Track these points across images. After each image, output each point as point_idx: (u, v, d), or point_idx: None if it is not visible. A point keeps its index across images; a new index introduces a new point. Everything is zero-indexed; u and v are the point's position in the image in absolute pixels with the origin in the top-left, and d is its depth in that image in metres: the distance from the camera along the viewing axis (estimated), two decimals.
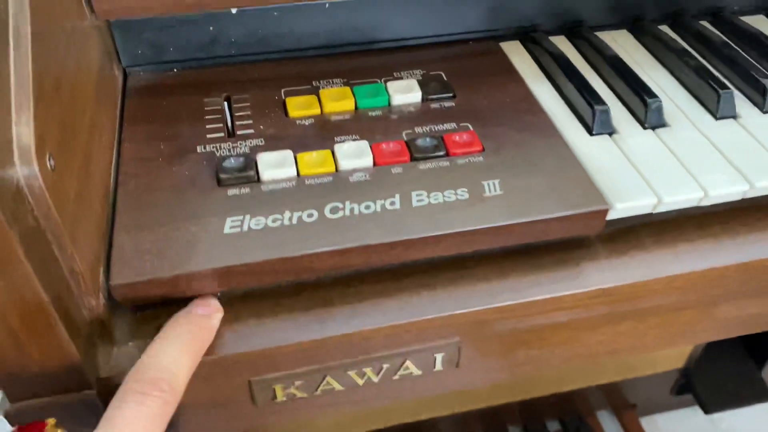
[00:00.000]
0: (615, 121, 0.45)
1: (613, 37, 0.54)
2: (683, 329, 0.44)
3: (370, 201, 0.38)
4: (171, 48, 0.47)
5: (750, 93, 0.48)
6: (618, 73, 0.48)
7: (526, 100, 0.46)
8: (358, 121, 0.44)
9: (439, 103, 0.46)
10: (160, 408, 0.29)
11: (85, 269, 0.32)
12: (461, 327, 0.38)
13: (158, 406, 0.29)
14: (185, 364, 0.32)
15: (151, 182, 0.39)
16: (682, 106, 0.47)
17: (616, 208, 0.39)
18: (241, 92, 0.46)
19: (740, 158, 0.42)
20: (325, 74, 0.48)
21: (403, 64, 0.50)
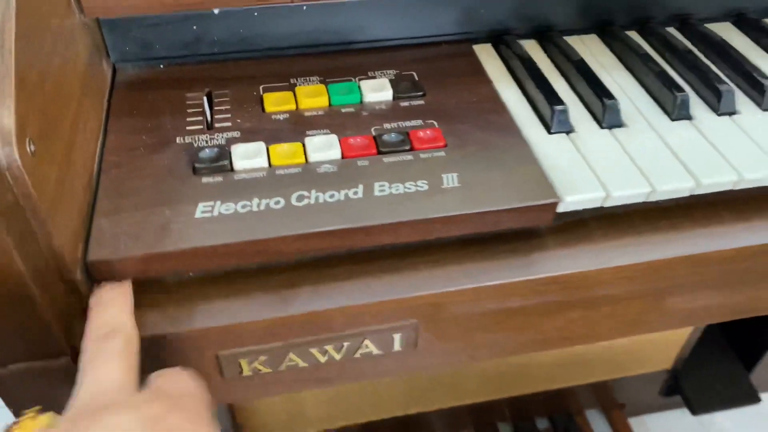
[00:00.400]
0: (574, 121, 0.47)
1: (583, 41, 0.56)
2: (635, 318, 0.46)
3: (335, 190, 0.41)
4: (157, 45, 0.49)
5: (707, 96, 0.50)
6: (582, 75, 0.50)
7: (491, 100, 0.49)
8: (331, 117, 0.47)
9: (409, 101, 0.49)
10: (125, 345, 0.33)
11: (64, 246, 0.35)
12: (418, 309, 0.41)
13: (122, 343, 0.33)
14: (127, 316, 0.35)
15: (132, 170, 0.42)
16: (641, 107, 0.49)
17: (565, 201, 0.41)
18: (222, 88, 0.49)
19: (690, 157, 0.44)
20: (303, 72, 0.51)
21: (378, 64, 0.52)
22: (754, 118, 0.48)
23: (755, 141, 0.46)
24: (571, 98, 0.50)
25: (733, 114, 0.49)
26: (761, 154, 0.45)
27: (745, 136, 0.46)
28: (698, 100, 0.50)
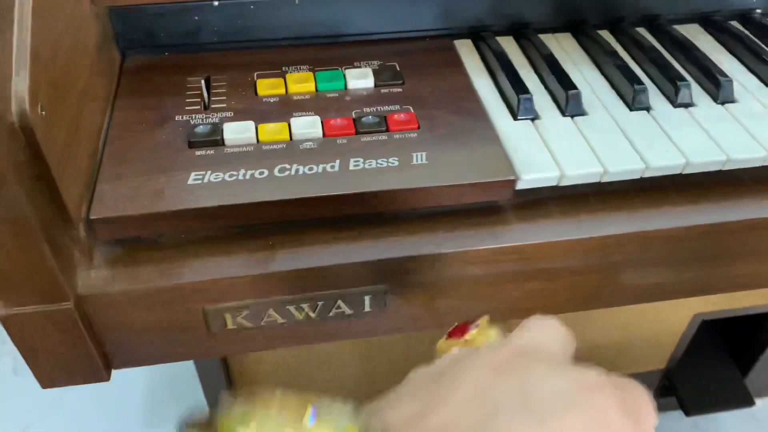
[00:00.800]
0: (540, 109, 0.52)
1: (557, 38, 0.60)
2: (591, 292, 0.50)
3: (314, 164, 0.45)
4: (162, 34, 0.54)
5: (666, 89, 0.54)
6: (549, 67, 0.54)
7: (465, 89, 0.53)
8: (316, 101, 0.52)
9: (389, 89, 0.53)
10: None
11: (70, 203, 0.39)
12: (387, 273, 0.45)
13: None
14: None
15: (133, 142, 0.47)
16: (603, 98, 0.53)
17: (523, 179, 0.45)
18: (220, 73, 0.54)
19: (642, 143, 0.48)
20: (294, 61, 0.56)
21: (364, 55, 0.57)
22: (708, 110, 0.52)
23: (706, 130, 0.50)
24: (539, 89, 0.54)
25: (690, 106, 0.52)
26: (710, 141, 0.49)
27: (697, 126, 0.50)
28: (658, 93, 0.54)
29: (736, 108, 0.52)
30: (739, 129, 0.50)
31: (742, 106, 0.52)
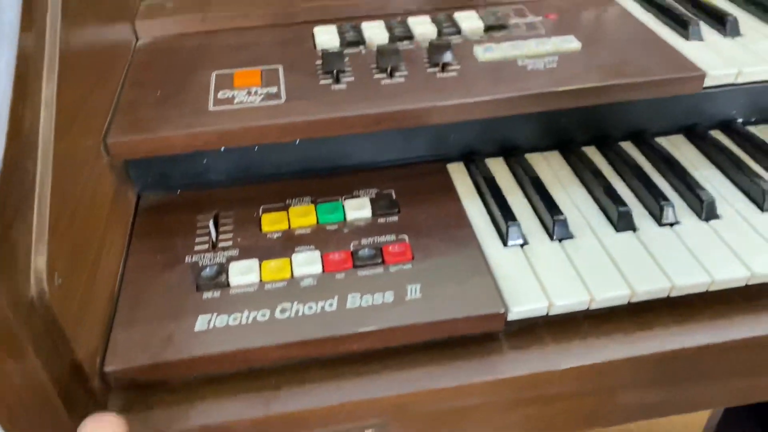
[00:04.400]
0: (528, 233, 0.54)
1: (545, 157, 0.63)
2: (588, 414, 0.51)
3: (313, 302, 0.48)
4: (175, 176, 0.59)
5: (651, 208, 0.56)
6: (537, 191, 0.57)
7: (457, 215, 0.56)
8: (317, 234, 0.55)
9: (386, 218, 0.56)
10: None
11: (85, 360, 0.42)
12: (386, 409, 0.47)
13: None
14: None
15: (146, 288, 0.50)
16: (590, 219, 0.56)
17: (513, 311, 0.47)
18: (228, 209, 0.58)
19: (629, 267, 0.50)
20: (297, 193, 0.59)
21: (363, 183, 0.60)
22: (693, 228, 0.54)
23: (690, 250, 0.51)
24: (528, 212, 0.57)
25: (675, 224, 0.54)
26: (695, 263, 0.50)
27: (683, 246, 0.52)
28: (643, 212, 0.56)
29: (720, 225, 0.54)
30: (723, 248, 0.52)
31: (727, 223, 0.54)
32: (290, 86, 0.57)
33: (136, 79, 0.60)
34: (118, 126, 0.53)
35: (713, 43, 0.62)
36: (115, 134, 0.52)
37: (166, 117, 0.54)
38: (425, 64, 0.60)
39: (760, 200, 0.56)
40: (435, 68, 0.59)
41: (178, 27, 0.68)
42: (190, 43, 0.66)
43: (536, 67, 0.59)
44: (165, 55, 0.64)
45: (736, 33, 0.63)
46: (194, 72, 0.60)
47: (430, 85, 0.57)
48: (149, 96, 0.57)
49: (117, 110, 0.55)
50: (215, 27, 0.68)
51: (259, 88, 0.57)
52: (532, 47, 0.61)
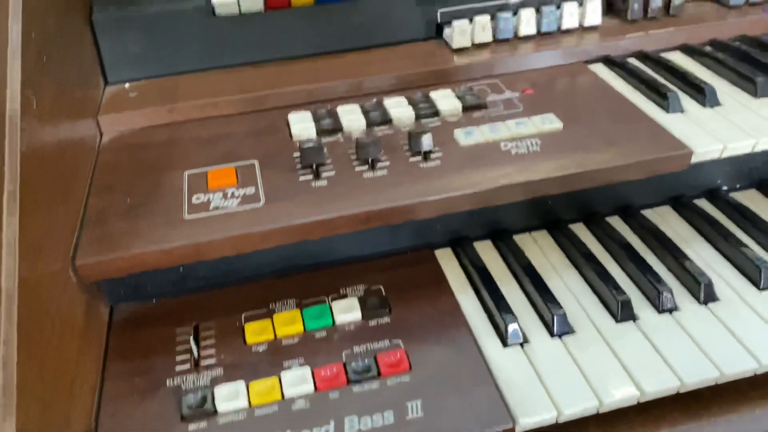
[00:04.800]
0: (527, 330, 0.52)
1: (534, 238, 0.62)
2: None
3: (308, 429, 0.45)
4: (149, 286, 0.55)
5: (649, 293, 0.54)
6: (531, 281, 0.55)
7: (451, 313, 0.54)
8: (305, 344, 0.52)
9: (377, 319, 0.54)
10: None
11: None
12: None
13: None
14: None
15: (125, 420, 0.46)
16: (588, 309, 0.54)
17: (520, 424, 0.45)
18: (208, 319, 0.54)
19: (634, 363, 0.48)
20: (280, 295, 0.56)
21: (348, 279, 0.58)
22: (693, 314, 0.53)
23: (693, 338, 0.50)
24: (524, 303, 0.55)
25: (674, 310, 0.53)
26: (701, 355, 0.49)
27: (685, 335, 0.50)
28: (641, 297, 0.55)
29: (720, 308, 0.53)
30: (727, 337, 0.50)
31: (726, 306, 0.53)
32: (268, 185, 0.55)
33: (102, 184, 0.56)
34: (87, 244, 0.49)
35: (694, 114, 0.61)
36: (83, 255, 0.49)
37: (138, 230, 0.51)
38: (407, 153, 0.58)
39: (757, 278, 0.55)
40: (417, 157, 0.57)
41: (145, 120, 0.64)
42: (158, 137, 0.63)
43: (520, 151, 0.57)
44: (132, 153, 0.61)
45: (715, 102, 0.63)
46: (165, 172, 0.57)
47: (414, 177, 0.55)
48: (118, 204, 0.54)
49: (84, 223, 0.52)
50: (183, 118, 0.65)
51: (236, 188, 0.55)
52: (514, 129, 0.59)
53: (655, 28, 0.75)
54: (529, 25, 0.73)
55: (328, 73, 0.69)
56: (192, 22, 0.69)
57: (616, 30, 0.75)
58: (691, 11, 0.78)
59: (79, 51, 0.63)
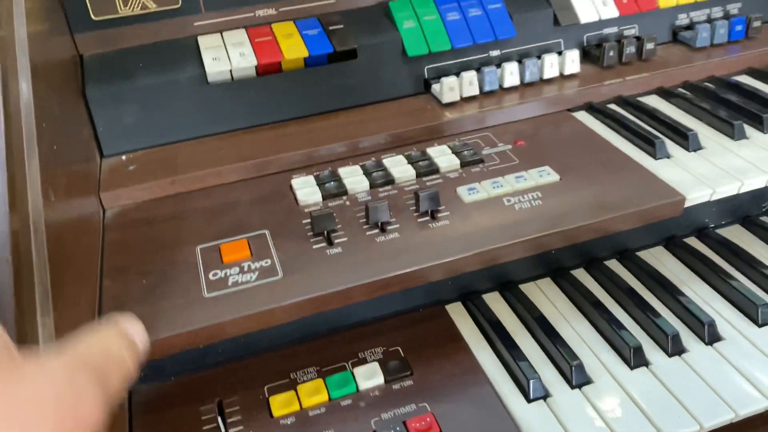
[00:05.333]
0: (547, 383, 0.54)
1: (539, 286, 0.64)
2: None
3: None
4: (168, 366, 0.55)
5: (657, 337, 0.57)
6: (545, 332, 0.57)
7: (471, 370, 0.55)
8: (332, 413, 0.52)
9: (400, 383, 0.54)
10: None
11: None
12: None
13: None
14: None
15: None
16: (601, 357, 0.56)
17: None
18: (231, 394, 0.54)
19: (654, 410, 0.50)
20: (300, 364, 0.57)
21: (365, 342, 0.58)
22: (701, 355, 0.55)
23: (707, 383, 0.52)
24: (539, 354, 0.56)
25: (683, 352, 0.55)
26: (714, 397, 0.51)
27: (697, 377, 0.53)
28: (649, 341, 0.57)
29: (726, 348, 0.56)
30: (736, 376, 0.53)
31: (731, 345, 0.56)
32: (284, 256, 0.55)
33: (115, 265, 0.56)
34: None
35: (680, 159, 0.65)
36: None
37: (160, 314, 0.51)
38: (415, 214, 0.59)
39: (755, 315, 0.58)
40: (425, 217, 0.59)
41: (147, 193, 0.64)
42: (163, 210, 0.63)
43: (523, 206, 0.59)
44: (140, 230, 0.60)
45: (698, 146, 0.66)
46: (176, 248, 0.57)
47: (426, 238, 0.56)
48: (134, 287, 0.53)
49: (103, 310, 0.51)
50: (186, 189, 0.65)
51: (251, 262, 0.55)
52: (514, 184, 0.62)
53: (631, 73, 0.79)
54: (512, 76, 0.76)
55: (324, 134, 0.71)
56: (186, 92, 0.70)
57: (595, 77, 0.78)
58: (661, 54, 0.82)
59: (77, 128, 0.63)
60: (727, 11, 0.86)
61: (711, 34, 0.83)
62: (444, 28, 0.76)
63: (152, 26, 0.72)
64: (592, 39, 0.82)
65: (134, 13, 0.71)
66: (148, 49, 0.72)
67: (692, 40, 0.83)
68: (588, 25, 0.80)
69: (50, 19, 0.64)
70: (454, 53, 0.77)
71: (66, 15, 0.69)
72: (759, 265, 0.64)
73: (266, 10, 0.75)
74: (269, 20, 0.75)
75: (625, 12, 0.80)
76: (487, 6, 0.78)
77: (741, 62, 0.82)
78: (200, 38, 0.72)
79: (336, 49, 0.72)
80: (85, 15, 0.69)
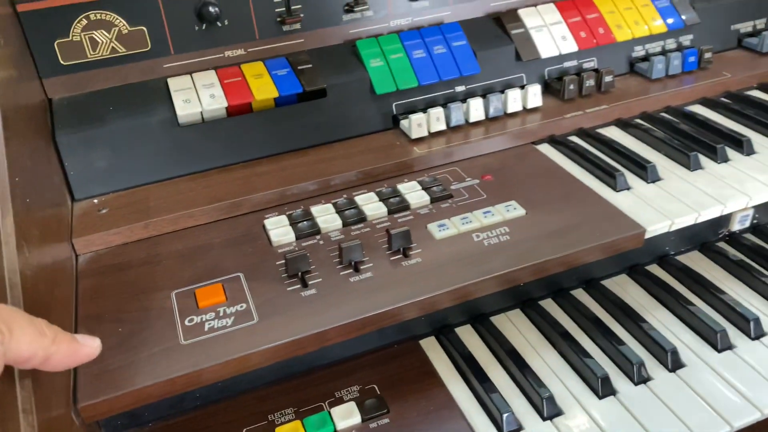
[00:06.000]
0: (519, 415, 0.55)
1: (509, 318, 0.66)
2: None
3: None
4: (146, 413, 0.55)
5: (622, 365, 0.59)
6: (515, 363, 0.59)
7: (447, 406, 0.56)
8: None
9: (377, 421, 0.55)
10: None
11: None
12: None
13: None
14: None
15: None
16: (571, 387, 0.58)
17: None
18: None
19: None
20: (277, 406, 0.57)
21: (341, 380, 0.60)
22: (665, 382, 0.58)
23: (672, 411, 0.55)
24: (510, 386, 0.58)
25: (648, 380, 0.58)
26: (681, 425, 0.53)
27: (664, 407, 0.55)
28: (615, 369, 0.59)
29: (688, 374, 0.58)
30: (699, 402, 0.55)
31: (693, 372, 0.58)
32: (258, 300, 0.56)
33: (89, 313, 0.56)
34: (87, 384, 0.49)
35: (639, 191, 0.68)
36: (85, 396, 0.48)
37: (137, 362, 0.51)
38: (387, 252, 0.61)
39: (714, 341, 0.60)
40: (398, 255, 0.60)
41: (120, 238, 0.65)
42: (136, 254, 0.63)
43: (492, 241, 0.61)
44: (113, 275, 0.61)
45: (656, 178, 0.69)
46: (151, 294, 0.58)
47: (400, 277, 0.58)
48: (111, 336, 0.53)
49: None
50: (159, 232, 0.66)
51: (227, 306, 0.56)
52: (482, 219, 0.63)
53: (591, 105, 0.82)
54: (478, 111, 0.78)
55: (296, 172, 0.72)
56: (157, 134, 0.70)
57: (556, 110, 0.81)
58: (619, 86, 0.86)
59: (48, 174, 0.63)
60: (680, 43, 0.90)
61: (666, 66, 0.86)
62: (410, 65, 0.78)
63: (121, 69, 0.73)
64: (552, 72, 0.85)
65: (103, 57, 0.71)
66: (118, 92, 0.72)
67: (648, 72, 0.87)
68: (549, 59, 0.83)
69: (18, 66, 0.64)
70: (420, 90, 0.79)
71: (34, 60, 0.69)
72: (717, 291, 0.66)
73: (235, 50, 0.76)
74: (238, 60, 0.76)
75: (583, 46, 0.84)
76: (452, 43, 0.80)
77: (695, 92, 0.86)
78: (170, 80, 0.73)
79: (306, 88, 0.74)
80: (53, 60, 0.70)
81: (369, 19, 0.80)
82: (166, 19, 0.72)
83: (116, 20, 0.70)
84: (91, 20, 0.70)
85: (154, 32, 0.72)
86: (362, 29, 0.80)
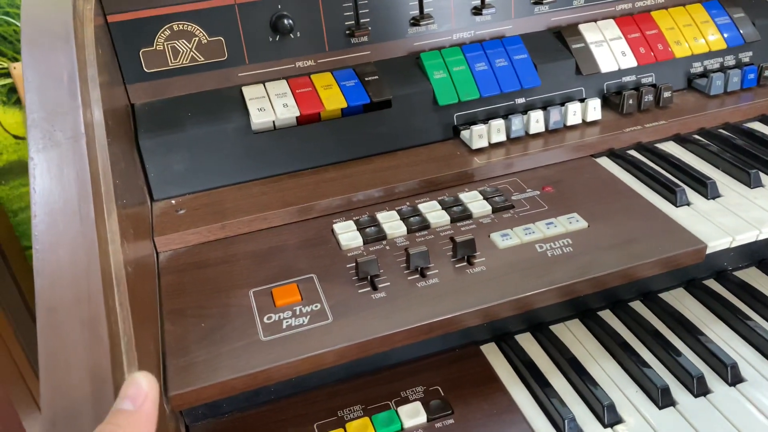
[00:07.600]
0: (580, 421, 0.57)
1: (569, 327, 0.67)
2: None
3: None
4: (224, 404, 0.58)
5: (682, 378, 0.60)
6: (576, 372, 0.60)
7: (509, 411, 0.58)
8: None
9: (442, 421, 0.58)
10: None
11: None
12: None
13: None
14: None
15: None
16: (630, 397, 0.59)
17: None
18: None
19: None
20: (346, 402, 0.60)
21: (406, 381, 0.62)
22: (725, 396, 0.59)
23: (733, 423, 0.56)
24: (571, 393, 0.60)
25: (707, 393, 0.59)
26: None
27: (724, 420, 0.56)
28: (675, 381, 0.60)
29: (748, 389, 0.59)
30: (760, 417, 0.56)
31: (753, 387, 0.59)
32: (332, 300, 0.59)
33: (173, 308, 0.60)
34: (176, 375, 0.53)
35: (700, 207, 0.69)
36: (175, 386, 0.52)
37: (221, 356, 0.54)
38: (452, 260, 0.63)
39: None
40: (462, 263, 0.63)
41: (197, 237, 0.68)
42: (214, 253, 0.67)
43: (555, 252, 0.63)
44: (193, 273, 0.64)
45: (716, 194, 0.70)
46: (230, 291, 0.61)
47: (466, 284, 0.60)
48: (194, 330, 0.57)
49: (167, 353, 0.55)
50: (234, 233, 0.69)
51: (302, 305, 0.59)
52: (545, 230, 0.65)
53: (650, 120, 0.83)
54: (538, 123, 0.80)
55: (361, 179, 0.75)
56: (232, 140, 0.74)
57: (615, 124, 0.83)
58: (677, 101, 0.87)
59: (134, 176, 0.67)
60: (740, 59, 0.91)
61: (725, 82, 0.87)
62: (473, 78, 0.80)
63: (199, 76, 0.77)
64: (611, 87, 0.86)
65: (183, 65, 0.75)
66: (195, 99, 0.76)
67: (706, 88, 0.87)
68: (608, 74, 0.85)
69: (109, 72, 0.68)
70: (482, 101, 0.81)
71: (120, 68, 0.74)
72: None
73: (305, 61, 0.79)
74: (308, 71, 0.80)
75: (642, 62, 0.85)
76: (513, 56, 0.82)
77: (754, 109, 0.86)
78: (245, 89, 0.77)
79: (372, 99, 0.77)
80: (138, 67, 0.74)
81: (433, 33, 0.83)
82: (243, 30, 0.76)
83: (197, 31, 0.74)
84: (174, 30, 0.74)
85: (231, 43, 0.76)
86: (426, 42, 0.83)
